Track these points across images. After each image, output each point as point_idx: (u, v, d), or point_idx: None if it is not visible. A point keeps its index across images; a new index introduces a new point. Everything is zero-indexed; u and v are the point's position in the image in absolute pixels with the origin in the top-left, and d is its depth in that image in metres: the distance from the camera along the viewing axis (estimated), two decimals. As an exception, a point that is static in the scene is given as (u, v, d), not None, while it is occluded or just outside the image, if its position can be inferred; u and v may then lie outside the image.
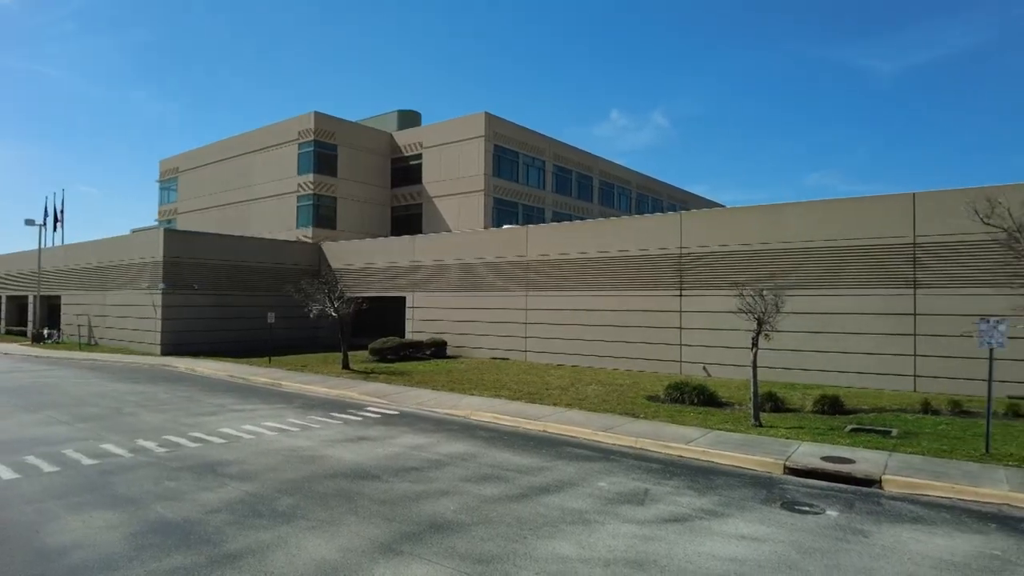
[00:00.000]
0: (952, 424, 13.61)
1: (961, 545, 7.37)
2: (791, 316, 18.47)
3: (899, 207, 18.64)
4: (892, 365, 18.51)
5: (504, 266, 27.42)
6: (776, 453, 11.20)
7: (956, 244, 17.49)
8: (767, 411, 14.88)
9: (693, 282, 22.13)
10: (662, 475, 10.25)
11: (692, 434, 12.76)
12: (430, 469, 10.43)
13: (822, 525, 7.96)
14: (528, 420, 14.28)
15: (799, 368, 19.73)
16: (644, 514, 8.28)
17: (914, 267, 18.26)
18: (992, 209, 11.40)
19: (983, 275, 17.09)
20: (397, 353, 25.98)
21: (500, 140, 42.47)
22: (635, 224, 24.52)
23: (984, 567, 6.76)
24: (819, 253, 19.79)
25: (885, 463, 10.60)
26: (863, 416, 14.69)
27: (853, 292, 19.15)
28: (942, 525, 8.07)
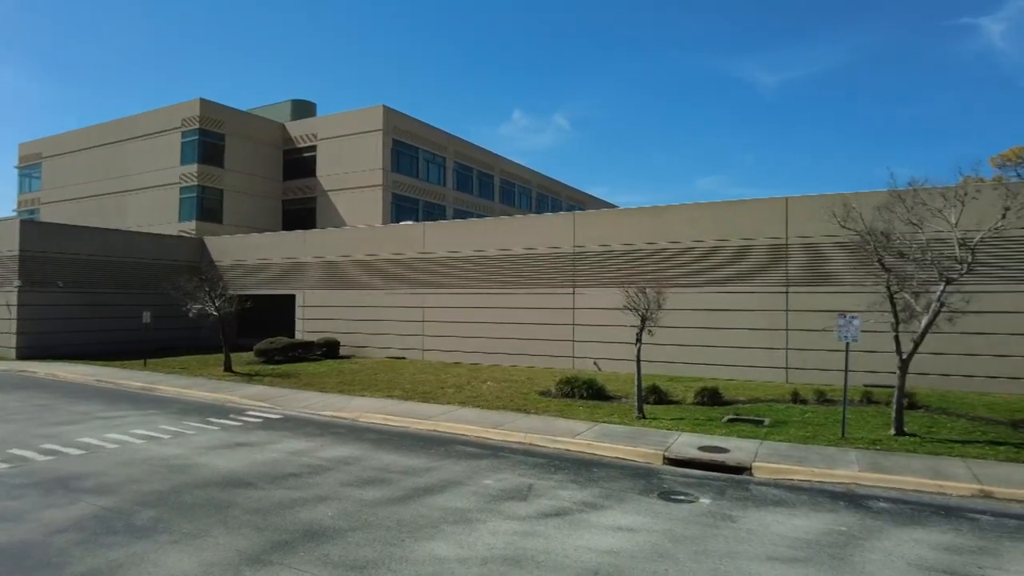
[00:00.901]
0: (816, 412, 14.67)
1: (815, 524, 7.92)
2: (676, 312, 19.34)
3: (773, 210, 19.93)
4: (767, 358, 19.77)
5: (401, 263, 26.96)
6: (657, 444, 11.62)
7: (821, 245, 18.91)
8: (651, 403, 15.45)
9: (585, 280, 22.67)
10: (548, 470, 10.37)
11: (579, 428, 13.03)
12: (310, 475, 10.01)
13: (695, 513, 8.31)
14: (419, 420, 14.07)
15: (683, 362, 20.67)
16: (526, 510, 8.32)
17: (786, 266, 19.59)
18: (847, 213, 12.37)
19: (844, 274, 18.58)
20: (285, 354, 24.91)
21: (399, 135, 41.74)
22: (531, 223, 24.80)
23: (832, 542, 7.28)
24: (702, 252, 20.81)
25: (756, 451, 11.25)
26: (740, 407, 15.56)
27: (732, 290, 20.28)
28: (801, 507, 8.64)
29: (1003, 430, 12.77)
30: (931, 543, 7.33)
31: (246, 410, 15.89)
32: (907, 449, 11.36)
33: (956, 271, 11.97)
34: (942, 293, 11.93)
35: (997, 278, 17.01)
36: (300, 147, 43.67)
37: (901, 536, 7.55)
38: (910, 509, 8.58)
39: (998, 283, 17.02)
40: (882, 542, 7.34)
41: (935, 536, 7.56)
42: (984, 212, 12.47)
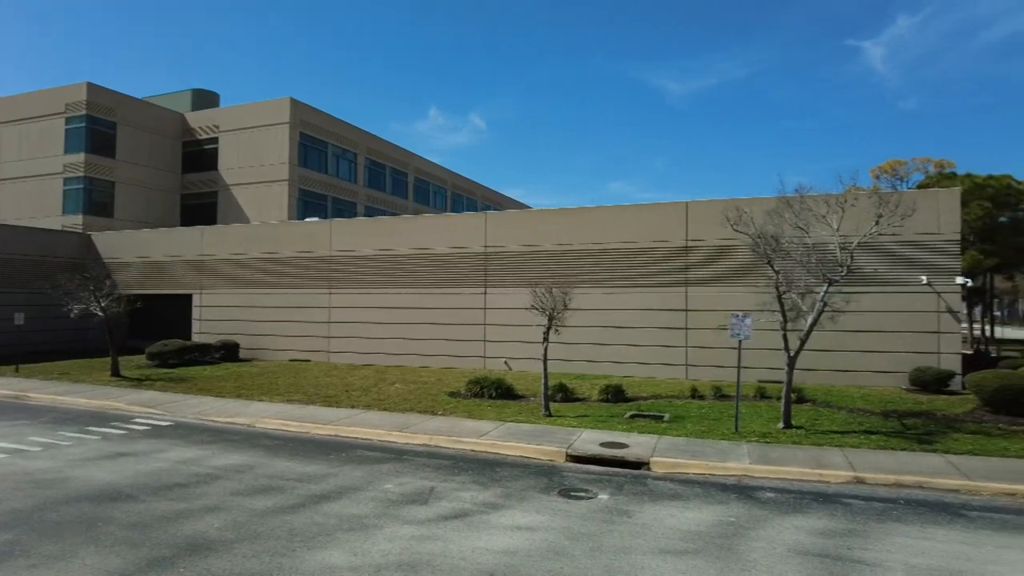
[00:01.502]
0: (713, 407, 15.31)
1: (706, 516, 8.23)
2: (584, 312, 19.71)
3: (675, 214, 20.69)
4: (668, 356, 20.50)
5: (307, 262, 26.05)
6: (560, 442, 11.76)
7: (718, 247, 19.80)
8: (558, 402, 15.66)
9: (497, 280, 22.72)
10: (451, 471, 10.27)
11: (486, 427, 13.00)
12: (198, 484, 9.44)
13: (593, 509, 8.45)
14: (320, 425, 13.60)
15: (590, 360, 21.10)
16: (426, 513, 8.19)
17: (686, 267, 20.38)
18: (740, 217, 12.99)
19: (739, 275, 19.54)
20: (180, 357, 23.51)
21: (308, 128, 40.38)
22: (443, 222, 24.61)
23: (721, 533, 7.58)
24: (609, 254, 21.32)
25: (654, 446, 11.60)
26: (642, 403, 16.03)
27: (637, 290, 20.90)
28: (694, 500, 8.96)
29: (876, 420, 13.80)
30: (809, 529, 7.77)
31: (133, 417, 14.84)
32: (793, 441, 12.05)
33: (837, 273, 12.82)
34: (825, 293, 12.75)
35: (872, 280, 18.38)
36: (201, 139, 41.44)
37: (784, 524, 7.96)
38: (793, 498, 9.07)
39: (873, 285, 18.39)
40: (766, 530, 7.71)
41: (813, 522, 8.03)
42: (861, 219, 13.38)
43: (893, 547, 7.18)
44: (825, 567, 6.63)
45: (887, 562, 6.75)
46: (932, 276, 18.36)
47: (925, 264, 18.44)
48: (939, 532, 7.69)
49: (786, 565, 6.66)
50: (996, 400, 14.38)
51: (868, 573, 6.47)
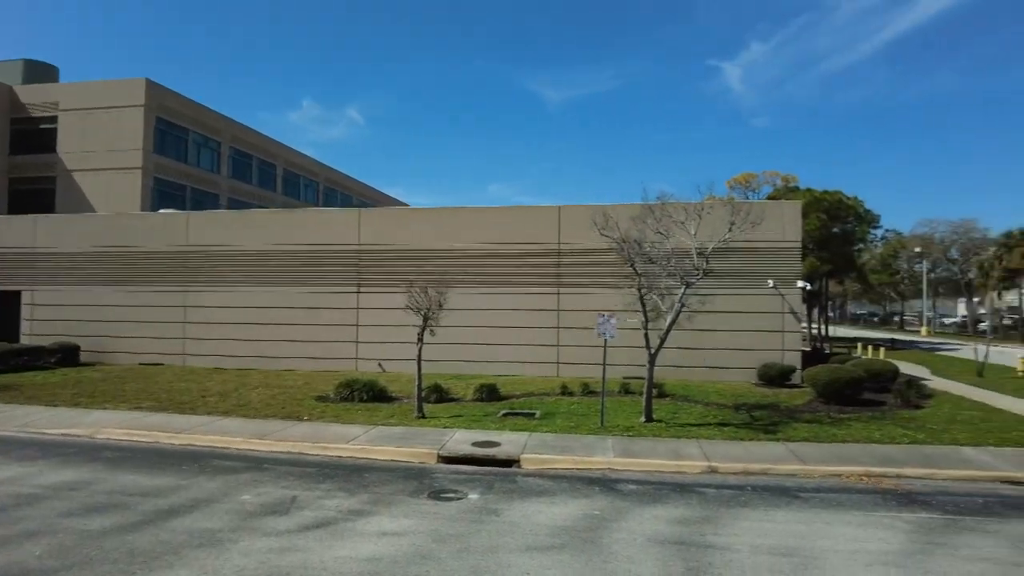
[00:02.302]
0: (582, 403, 15.83)
1: (572, 510, 8.45)
2: (460, 312, 19.64)
3: (548, 217, 21.22)
4: (541, 354, 20.98)
5: (160, 257, 24.00)
6: (432, 443, 11.64)
7: (588, 250, 20.51)
8: (432, 403, 15.51)
9: (371, 279, 22.17)
10: (316, 479, 9.82)
11: (355, 432, 12.59)
12: (19, 507, 8.35)
13: (462, 510, 8.40)
14: (172, 434, 12.54)
15: (466, 360, 21.11)
16: (286, 524, 7.76)
17: (559, 269, 20.95)
18: (607, 222, 13.53)
19: (606, 277, 20.33)
20: (6, 362, 20.83)
21: (166, 113, 37.29)
22: (314, 218, 23.63)
23: (586, 527, 7.81)
24: (485, 254, 21.46)
25: (525, 443, 11.77)
26: (515, 401, 16.26)
27: (512, 291, 21.20)
28: (561, 495, 9.17)
29: (728, 413, 14.89)
30: (667, 518, 8.20)
31: (-61, 432, 12.91)
32: (654, 434, 12.71)
33: (694, 276, 13.68)
34: (683, 295, 13.57)
35: (726, 283, 19.83)
36: (36, 116, 37.05)
37: (644, 514, 8.34)
38: (653, 489, 9.54)
39: (727, 287, 19.86)
40: (628, 522, 8.03)
41: (671, 511, 8.48)
42: (716, 226, 14.38)
43: (740, 531, 7.73)
44: (680, 553, 7.00)
45: (734, 545, 7.24)
46: (777, 280, 20.14)
47: (771, 269, 20.19)
48: (779, 514, 8.39)
49: (645, 554, 6.96)
50: (827, 392, 16.01)
51: (718, 556, 6.91)
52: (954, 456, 11.23)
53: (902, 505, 8.85)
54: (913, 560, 6.87)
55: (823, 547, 7.20)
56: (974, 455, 11.32)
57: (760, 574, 6.46)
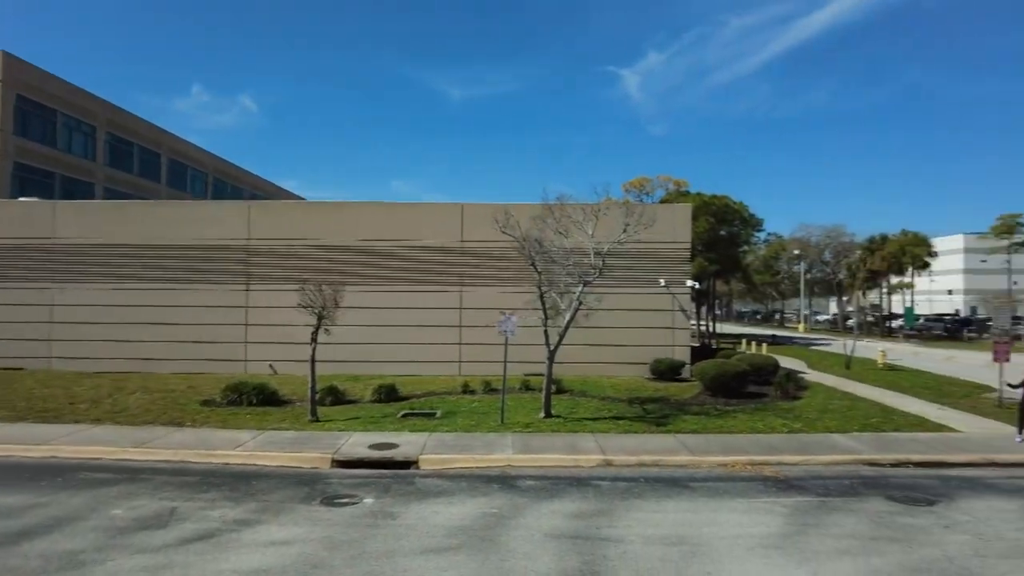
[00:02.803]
0: (483, 402, 15.81)
1: (470, 510, 8.37)
2: (358, 311, 19.13)
3: (451, 215, 21.05)
4: (443, 353, 20.78)
5: (21, 250, 21.73)
6: (326, 447, 11.21)
7: (490, 249, 20.53)
8: (328, 405, 14.97)
9: (261, 276, 21.10)
10: (199, 488, 9.19)
11: (243, 437, 11.92)
12: None
13: (357, 515, 8.13)
14: (31, 446, 11.34)
15: (365, 360, 20.54)
16: (164, 538, 7.19)
17: (461, 268, 20.84)
18: (507, 221, 13.58)
19: (508, 275, 20.46)
20: None
21: (29, 91, 33.81)
22: (200, 211, 22.20)
23: (484, 525, 7.76)
24: (385, 251, 20.98)
25: (424, 443, 11.59)
26: (415, 401, 16.00)
27: (413, 288, 20.86)
28: (460, 494, 9.08)
29: (623, 407, 15.35)
30: (564, 512, 8.30)
31: None
32: (552, 430, 12.89)
33: (591, 275, 13.99)
34: (580, 293, 13.84)
35: (621, 282, 20.46)
36: None
37: (542, 510, 8.40)
38: (551, 484, 9.64)
39: (622, 286, 20.49)
40: (526, 518, 8.06)
41: (567, 505, 8.59)
42: (612, 227, 14.76)
43: (633, 522, 7.95)
44: (576, 547, 7.10)
45: (627, 537, 7.43)
46: (669, 279, 21.00)
47: (663, 269, 21.03)
48: (670, 504, 8.71)
49: (542, 550, 7.00)
50: (714, 385, 16.87)
51: (612, 549, 7.06)
52: (826, 443, 12.13)
53: (781, 490, 9.43)
54: (790, 541, 7.32)
55: (710, 534, 7.53)
56: (842, 441, 12.28)
57: (652, 564, 6.65)
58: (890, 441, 12.32)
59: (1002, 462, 11.08)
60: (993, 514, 8.37)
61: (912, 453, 11.34)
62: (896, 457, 11.11)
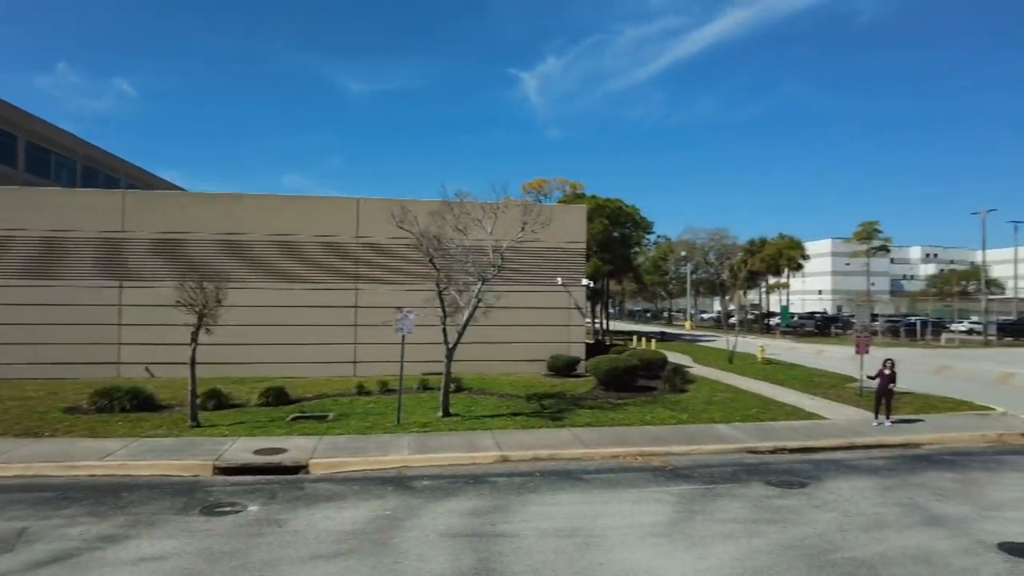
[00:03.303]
0: (379, 402, 15.40)
1: (363, 513, 8.09)
2: (245, 309, 18.16)
3: (347, 209, 20.40)
4: (337, 353, 20.10)
5: None
6: (207, 454, 10.50)
7: (387, 245, 20.09)
8: (210, 409, 14.07)
9: (136, 271, 19.52)
10: (56, 504, 8.31)
11: (112, 446, 10.94)
12: None
13: (239, 524, 7.63)
14: None
15: (254, 361, 19.51)
16: (8, 565, 6.41)
17: (357, 264, 20.25)
18: (405, 216, 13.30)
19: (406, 272, 20.11)
20: None
21: None
22: (62, 198, 20.15)
23: (377, 528, 7.50)
24: (275, 246, 20.01)
25: (315, 447, 11.11)
26: (306, 404, 15.34)
27: (305, 286, 20.04)
28: (352, 498, 8.75)
29: (521, 403, 15.46)
30: (460, 511, 8.19)
31: None
32: (450, 428, 12.75)
33: (490, 272, 13.98)
34: (479, 291, 13.79)
35: (520, 280, 20.66)
36: None
37: (437, 509, 8.25)
38: (448, 483, 9.50)
39: (521, 284, 20.68)
40: (421, 519, 7.88)
41: (463, 503, 8.49)
42: (511, 225, 14.81)
43: (528, 516, 7.96)
44: (471, 545, 7.01)
45: (522, 532, 7.43)
46: (565, 278, 21.42)
47: (560, 268, 21.43)
48: (564, 497, 8.81)
49: (436, 550, 6.86)
50: (608, 379, 17.36)
51: (507, 544, 7.03)
52: (710, 433, 12.76)
53: (669, 480, 9.80)
54: (678, 528, 7.60)
55: (603, 525, 7.68)
56: (726, 431, 12.96)
57: (546, 557, 6.68)
58: (768, 430, 13.14)
59: (862, 444, 12.11)
60: (855, 492, 9.09)
61: (788, 440, 12.15)
62: (774, 444, 11.86)
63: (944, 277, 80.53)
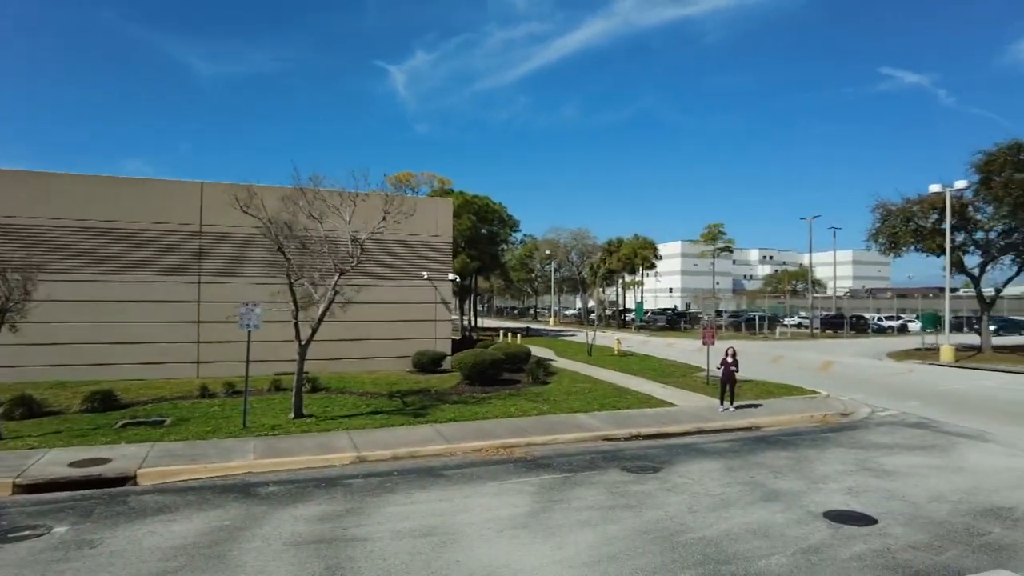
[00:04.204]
0: (225, 405, 14.17)
1: (197, 526, 7.25)
2: (66, 304, 16.07)
3: (188, 194, 18.62)
4: (178, 353, 18.32)
5: None
6: (8, 469, 9.02)
7: (235, 234, 18.60)
8: (18, 419, 12.26)
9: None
10: None
11: None
12: None
13: (39, 549, 6.54)
14: None
15: (78, 363, 17.28)
16: None
17: (200, 255, 18.56)
18: (251, 199, 12.25)
19: (256, 264, 18.75)
20: None
21: None
22: None
23: (212, 541, 6.74)
24: (106, 234, 17.84)
25: (146, 455, 9.94)
26: (140, 408, 13.80)
27: (141, 279, 18.05)
28: (185, 509, 7.85)
29: (383, 401, 14.88)
30: (308, 516, 7.59)
31: None
32: (303, 430, 11.95)
33: (348, 263, 13.28)
34: (336, 282, 13.05)
35: (385, 274, 20.00)
36: None
37: (283, 516, 7.59)
38: (297, 488, 8.82)
39: (385, 278, 20.03)
40: (264, 528, 7.20)
41: (313, 509, 7.89)
42: (372, 215, 14.13)
43: (384, 518, 7.54)
44: (319, 553, 6.48)
45: (376, 534, 7.00)
46: (431, 272, 21.02)
47: (426, 262, 21.00)
48: (423, 495, 8.46)
49: (279, 560, 6.26)
50: (473, 374, 17.21)
51: (359, 549, 6.57)
52: (570, 422, 12.96)
53: (530, 470, 9.75)
54: (536, 519, 7.51)
55: (462, 521, 7.42)
56: (585, 420, 13.23)
57: (401, 559, 6.31)
58: (624, 417, 13.58)
59: (709, 429, 12.83)
60: (704, 474, 9.55)
61: (642, 427, 12.60)
62: (629, 431, 12.25)
63: (778, 277, 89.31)
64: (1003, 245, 28.81)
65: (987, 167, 26.17)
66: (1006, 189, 24.78)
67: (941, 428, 13.14)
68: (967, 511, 7.88)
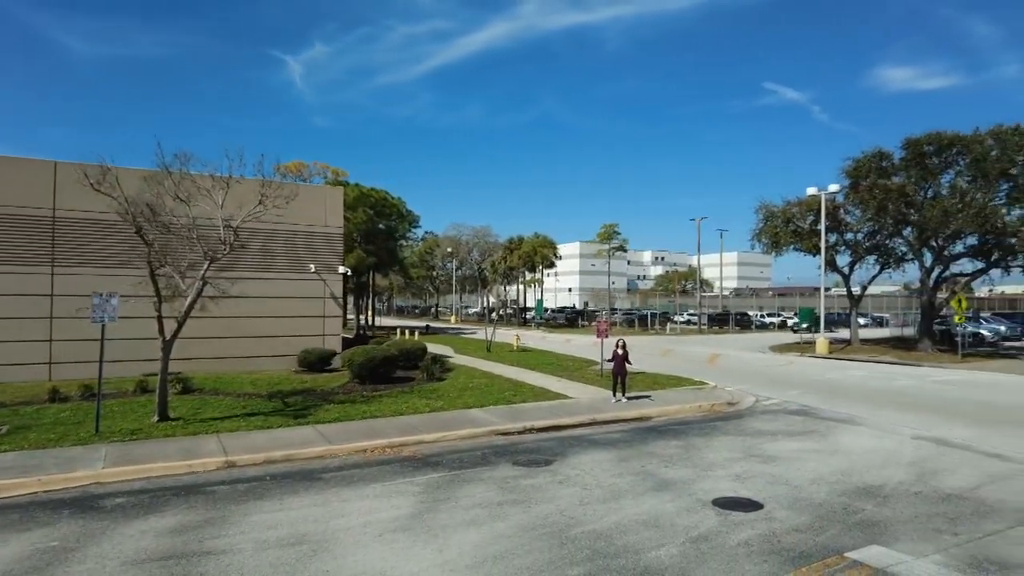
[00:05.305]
0: (78, 409, 12.65)
1: (15, 550, 6.17)
2: None
3: (39, 174, 16.58)
4: (25, 353, 16.25)
5: None
6: None
7: (94, 220, 16.73)
8: None
9: None
10: None
11: None
12: None
13: None
14: None
15: None
16: None
17: (53, 243, 16.56)
18: (104, 177, 10.90)
19: (120, 253, 16.93)
20: None
21: None
22: None
23: (32, 566, 5.74)
24: (-70, 219, 15.52)
25: (-35, 470, 8.52)
26: (-32, 417, 12.00)
27: (-22, 269, 15.86)
28: (4, 531, 6.70)
29: (261, 402, 13.80)
30: (159, 530, 6.68)
31: None
32: (166, 434, 10.78)
33: (221, 251, 12.15)
34: (206, 271, 11.89)
35: (266, 266, 18.68)
36: None
37: (128, 531, 6.64)
38: (150, 498, 7.82)
39: (267, 271, 18.72)
40: (102, 546, 6.24)
41: (166, 521, 6.97)
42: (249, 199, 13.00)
43: (248, 527, 6.76)
44: (166, 570, 5.65)
45: (238, 545, 6.24)
46: (320, 266, 19.90)
47: (314, 254, 19.85)
48: (295, 500, 7.71)
49: (113, 584, 5.38)
50: (363, 372, 16.37)
51: (213, 564, 5.80)
52: (464, 418, 12.50)
53: (417, 469, 9.20)
54: (419, 520, 6.98)
55: (337, 527, 6.78)
56: (479, 415, 12.81)
57: (262, 572, 5.60)
58: (519, 411, 13.29)
59: (602, 420, 12.78)
60: (595, 465, 9.37)
61: (536, 420, 12.35)
62: (523, 425, 11.95)
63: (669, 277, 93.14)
64: (868, 246, 31.20)
65: (855, 172, 28.23)
66: (871, 193, 26.78)
67: (819, 414, 13.78)
68: (843, 491, 8.12)
